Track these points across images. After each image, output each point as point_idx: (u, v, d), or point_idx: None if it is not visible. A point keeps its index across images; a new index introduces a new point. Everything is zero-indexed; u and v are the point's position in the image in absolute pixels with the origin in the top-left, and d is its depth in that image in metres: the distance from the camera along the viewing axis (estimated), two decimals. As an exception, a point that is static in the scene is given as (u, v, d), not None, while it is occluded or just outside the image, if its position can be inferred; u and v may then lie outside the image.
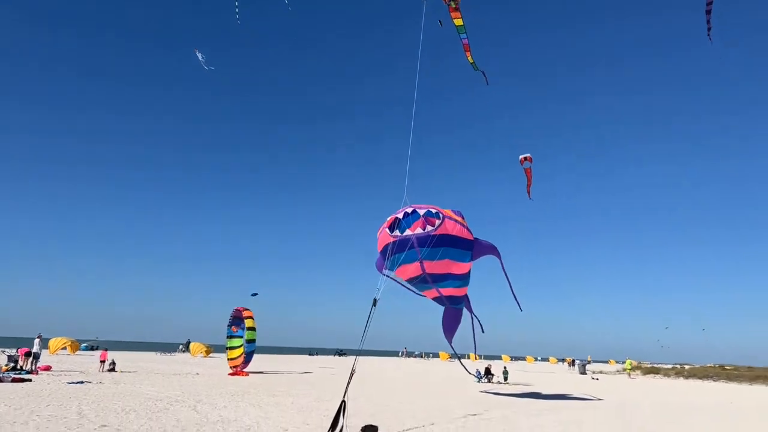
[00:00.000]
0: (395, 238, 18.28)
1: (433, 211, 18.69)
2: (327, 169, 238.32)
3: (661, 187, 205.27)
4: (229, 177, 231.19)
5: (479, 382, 30.24)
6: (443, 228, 18.30)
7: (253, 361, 30.37)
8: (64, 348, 44.55)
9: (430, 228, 18.14)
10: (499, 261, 20.13)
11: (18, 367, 23.39)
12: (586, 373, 50.48)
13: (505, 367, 36.90)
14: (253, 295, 31.56)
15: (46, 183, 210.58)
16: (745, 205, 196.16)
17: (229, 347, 29.44)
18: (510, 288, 19.95)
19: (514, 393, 24.24)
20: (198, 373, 28.15)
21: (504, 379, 31.48)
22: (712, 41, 11.42)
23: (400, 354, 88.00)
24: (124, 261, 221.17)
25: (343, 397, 10.70)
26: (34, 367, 23.80)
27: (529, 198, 23.63)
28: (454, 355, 28.01)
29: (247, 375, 27.68)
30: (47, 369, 25.14)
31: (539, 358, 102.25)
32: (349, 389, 11.08)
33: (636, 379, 45.55)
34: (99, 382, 20.65)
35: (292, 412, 13.88)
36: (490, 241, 20.58)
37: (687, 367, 58.73)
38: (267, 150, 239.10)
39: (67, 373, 24.75)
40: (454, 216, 19.28)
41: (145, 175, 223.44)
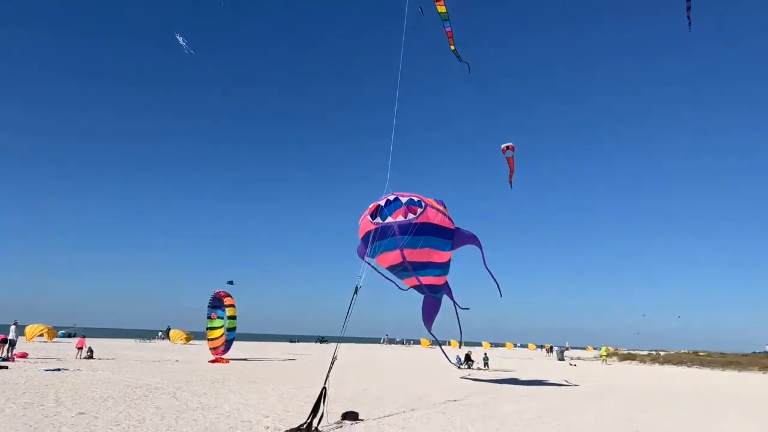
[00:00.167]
0: (377, 225, 18.28)
1: (416, 200, 18.70)
2: (319, 165, 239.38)
3: (646, 179, 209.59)
4: (212, 170, 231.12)
5: (460, 368, 30.61)
6: (425, 216, 18.33)
7: (234, 348, 30.27)
8: (41, 335, 43.94)
9: (412, 216, 18.15)
10: (480, 250, 20.31)
11: (-7, 354, 23.03)
12: (564, 360, 51.45)
13: (485, 353, 37.47)
14: (228, 282, 31.38)
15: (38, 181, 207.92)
16: (720, 198, 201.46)
17: (209, 327, 29.27)
18: (490, 274, 20.18)
19: (494, 379, 24.60)
20: (178, 360, 27.99)
21: (484, 365, 31.96)
22: (690, 30, 13.00)
23: (382, 341, 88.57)
24: (105, 249, 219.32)
25: (324, 383, 10.76)
26: (10, 354, 23.42)
27: (510, 187, 23.84)
28: (435, 342, 28.27)
29: (227, 362, 27.61)
30: (24, 356, 24.78)
31: (518, 345, 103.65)
32: (330, 376, 11.14)
33: (612, 365, 46.54)
34: (77, 369, 20.41)
35: (272, 399, 13.90)
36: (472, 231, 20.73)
37: (662, 353, 60.13)
38: (251, 143, 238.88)
39: (44, 360, 24.42)
40: (436, 205, 19.32)
41: (122, 168, 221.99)
